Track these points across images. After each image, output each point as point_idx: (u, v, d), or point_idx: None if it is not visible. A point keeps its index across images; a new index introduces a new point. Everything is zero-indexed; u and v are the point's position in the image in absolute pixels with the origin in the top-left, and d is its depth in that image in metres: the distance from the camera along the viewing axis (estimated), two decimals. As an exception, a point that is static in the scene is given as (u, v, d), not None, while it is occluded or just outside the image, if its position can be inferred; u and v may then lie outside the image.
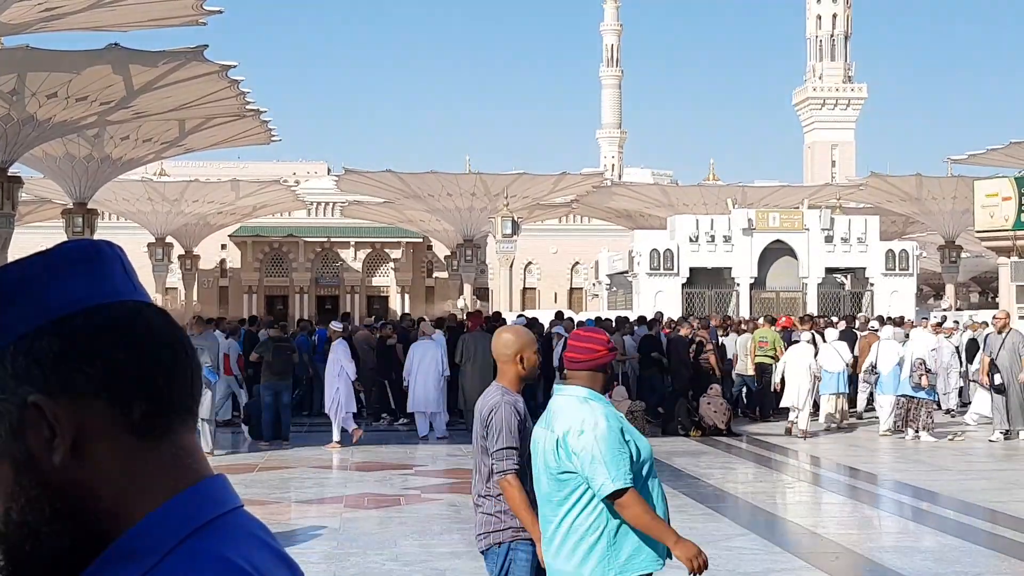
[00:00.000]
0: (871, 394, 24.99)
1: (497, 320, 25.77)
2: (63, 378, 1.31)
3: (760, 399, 25.79)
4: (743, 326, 27.95)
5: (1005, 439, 21.45)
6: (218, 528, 1.31)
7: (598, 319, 28.90)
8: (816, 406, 23.30)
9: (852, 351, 24.98)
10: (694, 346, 24.82)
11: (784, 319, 27.50)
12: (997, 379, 21.28)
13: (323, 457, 19.57)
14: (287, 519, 13.77)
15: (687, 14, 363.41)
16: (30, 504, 1.30)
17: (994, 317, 21.72)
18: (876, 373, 22.93)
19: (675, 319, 29.17)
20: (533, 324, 24.67)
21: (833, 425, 23.51)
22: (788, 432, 22.54)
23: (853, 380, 25.43)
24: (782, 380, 22.90)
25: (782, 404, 23.25)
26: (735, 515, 13.83)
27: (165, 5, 25.85)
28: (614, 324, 26.64)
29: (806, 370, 22.31)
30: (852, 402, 26.26)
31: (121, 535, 1.28)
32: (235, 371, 23.74)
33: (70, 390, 1.30)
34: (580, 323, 21.56)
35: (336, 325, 24.01)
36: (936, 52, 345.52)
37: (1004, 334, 21.40)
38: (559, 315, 28.61)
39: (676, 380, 24.48)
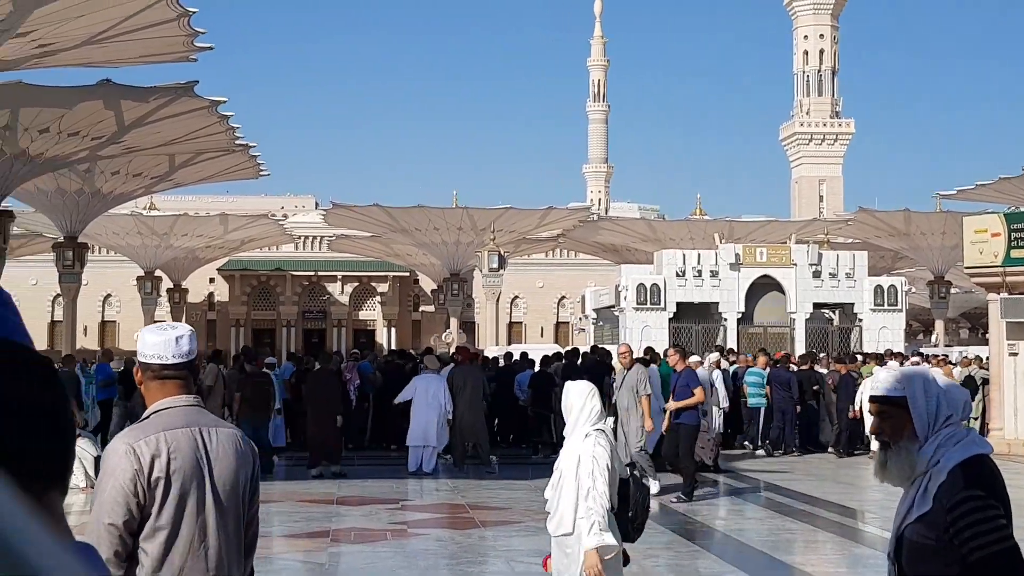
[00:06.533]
0: None
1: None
2: None
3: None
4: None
5: None
6: None
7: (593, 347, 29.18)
8: None
9: None
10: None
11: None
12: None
13: (309, 491, 19.55)
14: (273, 553, 13.76)
15: (674, 49, 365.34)
16: None
17: (620, 354, 19.52)
18: None
19: (805, 355, 29.15)
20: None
21: None
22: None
23: None
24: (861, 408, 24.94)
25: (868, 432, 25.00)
26: (722, 552, 13.87)
27: (156, 42, 25.96)
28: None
29: None
30: None
31: None
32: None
33: None
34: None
35: (432, 360, 24.29)
36: (923, 88, 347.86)
37: (625, 371, 19.90)
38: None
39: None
